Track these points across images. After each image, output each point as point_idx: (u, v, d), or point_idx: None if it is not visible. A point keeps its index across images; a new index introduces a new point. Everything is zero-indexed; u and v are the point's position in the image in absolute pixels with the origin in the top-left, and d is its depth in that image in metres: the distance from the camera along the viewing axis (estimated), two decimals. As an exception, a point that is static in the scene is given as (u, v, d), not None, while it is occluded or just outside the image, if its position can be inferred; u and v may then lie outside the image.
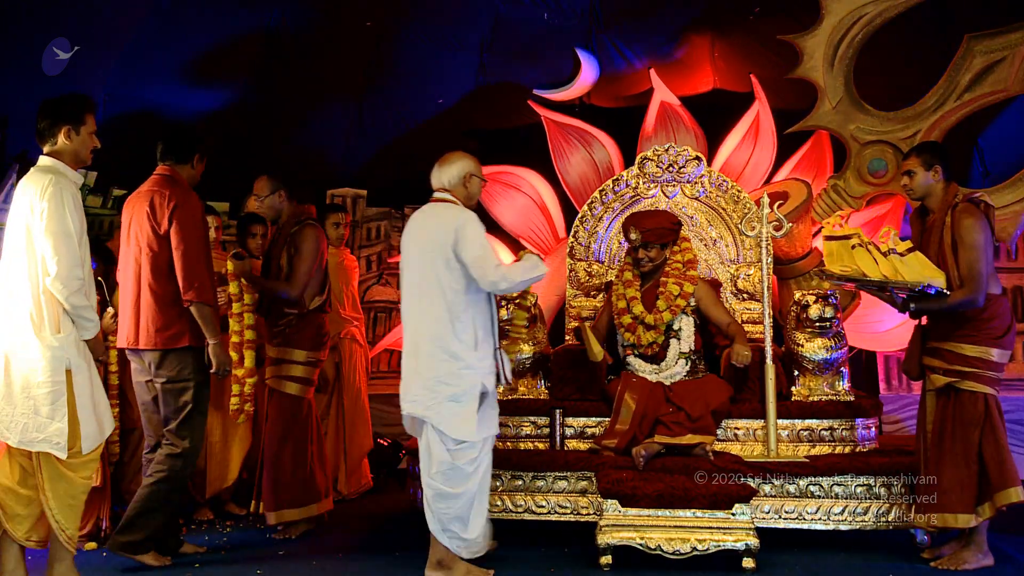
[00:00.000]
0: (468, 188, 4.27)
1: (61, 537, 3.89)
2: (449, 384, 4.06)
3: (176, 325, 4.45)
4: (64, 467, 3.88)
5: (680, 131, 6.37)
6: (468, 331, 4.10)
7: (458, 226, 4.08)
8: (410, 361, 4.15)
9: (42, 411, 3.83)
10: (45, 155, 4.04)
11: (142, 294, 4.48)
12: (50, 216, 3.85)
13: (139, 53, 6.24)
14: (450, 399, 4.06)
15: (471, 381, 4.09)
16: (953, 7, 6.01)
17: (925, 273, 4.29)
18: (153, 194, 4.49)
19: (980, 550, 4.35)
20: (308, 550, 4.78)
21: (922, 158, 4.51)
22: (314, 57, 6.77)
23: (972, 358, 4.33)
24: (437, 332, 4.09)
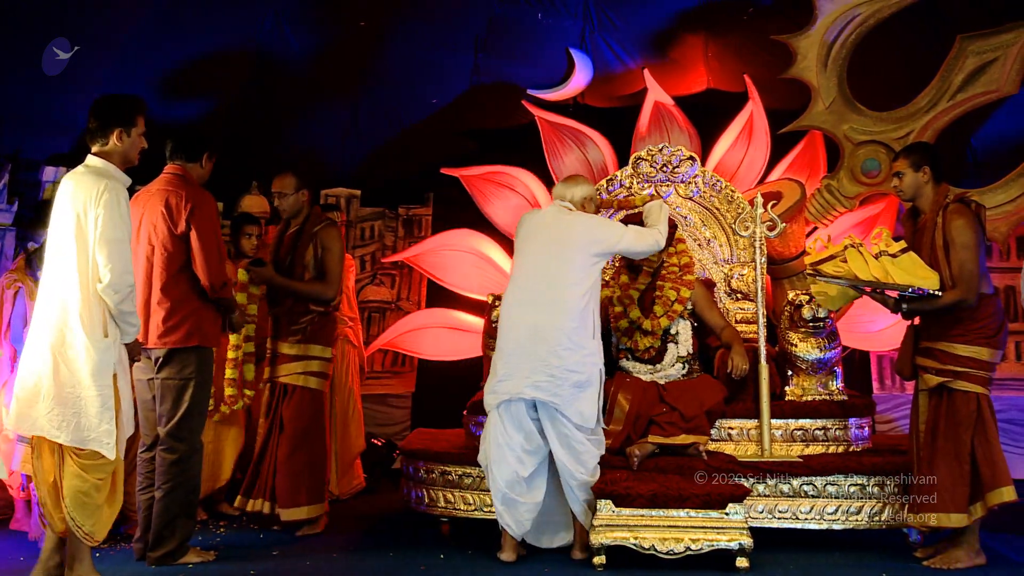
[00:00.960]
0: (587, 208, 4.75)
1: (78, 534, 3.93)
2: (575, 371, 4.37)
3: (186, 325, 4.45)
4: (80, 468, 3.93)
5: (674, 131, 6.37)
6: (589, 320, 4.47)
7: (598, 235, 4.57)
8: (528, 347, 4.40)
9: (91, 412, 3.89)
10: (94, 155, 4.08)
11: (152, 293, 4.48)
12: (105, 223, 3.92)
13: (135, 54, 6.23)
14: (574, 385, 4.38)
15: (593, 368, 4.44)
16: (945, 8, 6.03)
17: (918, 274, 4.30)
18: (168, 194, 4.49)
19: (972, 549, 4.36)
20: (302, 551, 4.77)
21: (911, 159, 4.52)
22: (309, 57, 6.77)
23: (964, 358, 4.34)
24: (564, 322, 4.40)
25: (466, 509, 4.93)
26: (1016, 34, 5.77)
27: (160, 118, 6.56)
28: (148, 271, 4.50)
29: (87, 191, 3.96)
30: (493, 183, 6.54)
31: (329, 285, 5.09)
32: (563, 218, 4.62)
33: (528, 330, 4.42)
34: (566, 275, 4.46)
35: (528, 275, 4.53)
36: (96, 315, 3.94)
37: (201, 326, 4.48)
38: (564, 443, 4.44)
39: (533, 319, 4.43)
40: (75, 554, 3.98)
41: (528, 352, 4.40)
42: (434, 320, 6.70)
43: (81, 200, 3.95)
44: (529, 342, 4.40)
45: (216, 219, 4.57)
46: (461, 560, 4.60)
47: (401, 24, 6.72)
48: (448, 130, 7.04)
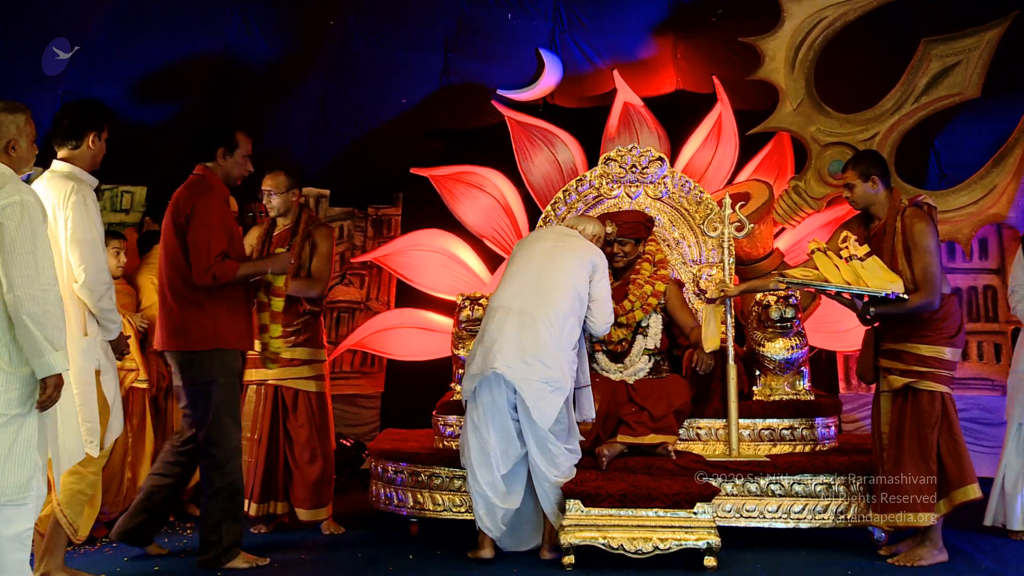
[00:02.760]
0: (594, 243, 4.82)
1: (68, 529, 4.01)
2: (548, 366, 4.36)
3: (198, 327, 4.39)
4: (80, 464, 3.97)
5: (643, 132, 6.39)
6: (574, 338, 4.53)
7: (598, 262, 4.66)
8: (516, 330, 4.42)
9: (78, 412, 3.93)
10: (61, 160, 4.09)
11: (167, 296, 4.48)
12: (75, 224, 3.93)
13: (100, 51, 6.15)
14: (543, 380, 4.35)
15: (566, 373, 4.43)
16: (911, 12, 6.09)
17: (885, 278, 4.34)
18: (176, 197, 4.50)
19: (935, 546, 4.42)
20: (270, 551, 4.74)
21: (858, 170, 4.57)
22: (277, 56, 6.72)
23: (928, 358, 4.39)
24: (555, 322, 4.43)
25: (435, 509, 4.92)
26: (978, 38, 5.85)
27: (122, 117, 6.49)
28: (166, 274, 4.48)
29: (56, 194, 3.96)
30: (463, 183, 6.53)
31: (319, 283, 5.13)
32: (569, 237, 4.75)
33: (513, 320, 4.43)
34: (560, 284, 4.50)
35: (522, 277, 4.57)
36: (74, 315, 3.93)
37: (216, 328, 4.41)
38: (540, 444, 4.44)
39: (520, 311, 4.45)
40: (51, 549, 4.02)
41: (510, 334, 4.40)
42: (403, 320, 6.67)
43: (50, 204, 3.90)
44: (512, 330, 4.41)
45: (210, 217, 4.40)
46: (430, 560, 4.60)
47: (370, 23, 6.69)
48: (418, 130, 7.02)
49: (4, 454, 3.31)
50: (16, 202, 3.33)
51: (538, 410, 4.35)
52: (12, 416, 3.33)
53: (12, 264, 3.29)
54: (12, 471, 3.32)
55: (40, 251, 3.36)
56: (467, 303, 5.24)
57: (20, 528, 3.36)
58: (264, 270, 4.60)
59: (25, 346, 3.32)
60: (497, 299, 4.58)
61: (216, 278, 4.35)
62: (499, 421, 4.45)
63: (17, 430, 3.34)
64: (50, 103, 6.21)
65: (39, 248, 3.36)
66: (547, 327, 4.41)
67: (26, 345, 3.32)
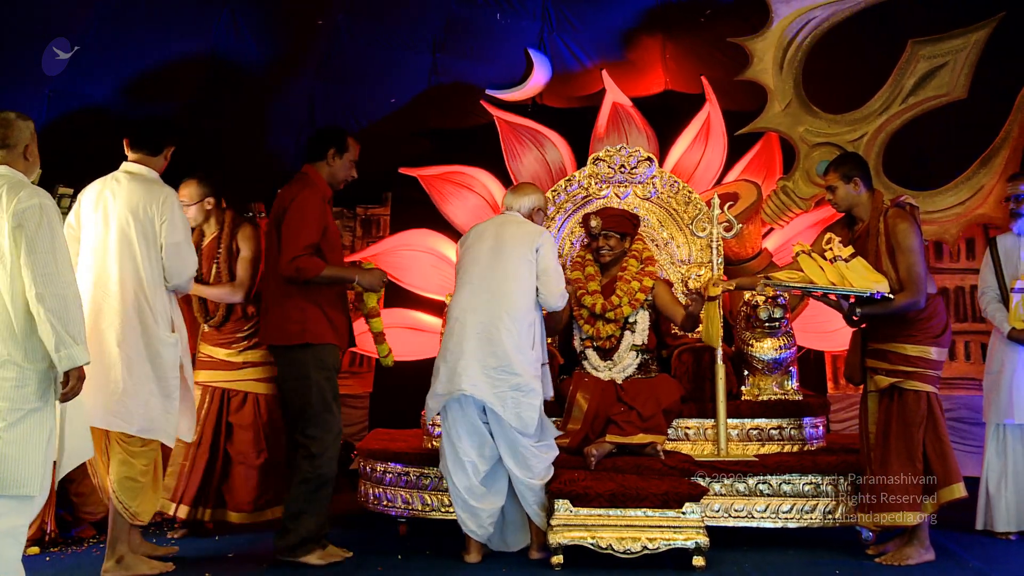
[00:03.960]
0: (535, 219, 4.80)
1: (125, 515, 4.22)
2: (514, 374, 4.39)
3: (291, 322, 4.44)
4: (128, 454, 4.22)
5: (632, 132, 6.40)
6: (530, 328, 4.52)
7: (542, 241, 4.61)
8: (474, 345, 4.44)
9: (156, 404, 4.21)
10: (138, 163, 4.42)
11: (266, 291, 4.60)
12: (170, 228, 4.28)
13: (88, 50, 6.11)
14: (513, 388, 4.39)
15: (531, 373, 4.45)
16: (898, 13, 6.10)
17: (870, 278, 4.35)
18: (279, 196, 4.60)
19: (922, 545, 4.44)
20: (257, 554, 4.73)
21: (840, 172, 4.59)
22: (264, 55, 6.70)
23: (914, 358, 4.41)
24: (508, 324, 4.43)
25: (424, 509, 4.92)
26: (965, 39, 5.88)
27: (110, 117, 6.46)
28: (269, 270, 4.60)
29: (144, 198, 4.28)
30: (451, 183, 6.52)
31: (237, 287, 5.07)
32: (508, 225, 4.70)
33: (473, 331, 4.46)
34: (510, 281, 4.52)
35: (471, 284, 4.58)
36: (161, 312, 4.27)
37: (308, 323, 4.46)
38: (511, 448, 4.45)
39: (478, 320, 4.47)
40: (118, 535, 4.24)
41: (470, 352, 4.42)
42: (392, 320, 6.64)
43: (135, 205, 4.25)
44: (473, 343, 4.44)
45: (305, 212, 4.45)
46: (419, 560, 4.60)
47: (359, 23, 6.67)
48: (406, 130, 7.00)
49: (20, 447, 3.40)
50: (35, 205, 3.46)
51: (518, 419, 4.40)
52: (28, 411, 3.43)
53: (34, 264, 3.42)
54: (26, 464, 3.40)
55: (59, 251, 3.49)
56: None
57: (16, 523, 3.43)
58: (351, 278, 4.64)
59: (47, 341, 3.41)
60: (453, 310, 4.60)
61: (299, 271, 4.38)
62: (469, 426, 4.48)
63: (32, 425, 3.44)
64: (37, 102, 6.18)
65: (58, 248, 3.49)
66: (507, 334, 4.44)
67: (48, 340, 3.41)
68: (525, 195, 4.85)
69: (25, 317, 3.45)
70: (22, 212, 3.44)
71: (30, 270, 3.41)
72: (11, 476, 3.38)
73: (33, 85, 5.99)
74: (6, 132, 3.61)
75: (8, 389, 3.40)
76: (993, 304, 5.17)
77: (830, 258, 4.42)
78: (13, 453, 3.39)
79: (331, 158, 4.65)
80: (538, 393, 4.46)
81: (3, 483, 3.37)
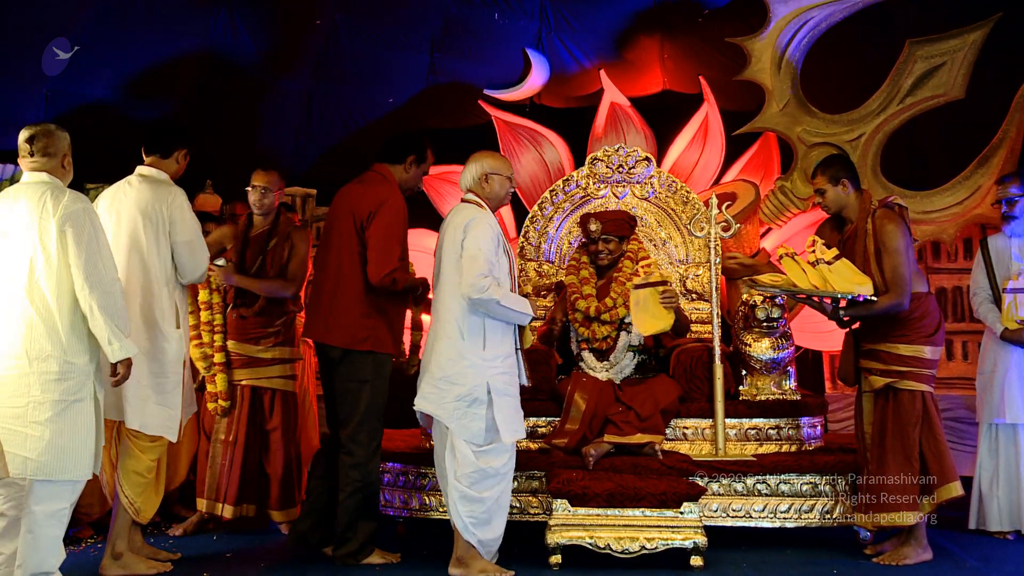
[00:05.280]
0: (488, 186, 4.41)
1: (130, 510, 4.29)
2: (455, 383, 4.18)
3: (360, 327, 4.42)
4: (138, 448, 4.28)
5: (630, 132, 6.40)
6: (477, 329, 4.20)
7: (467, 224, 4.23)
8: (426, 357, 4.34)
9: (153, 398, 4.24)
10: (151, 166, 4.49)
11: (334, 290, 4.47)
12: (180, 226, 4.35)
13: (85, 49, 6.11)
14: (457, 398, 4.18)
15: (475, 380, 4.17)
16: (896, 13, 6.11)
17: (854, 280, 4.35)
18: (358, 194, 4.52)
19: (920, 545, 4.44)
20: (256, 553, 4.73)
21: (827, 175, 4.59)
22: (262, 55, 6.70)
23: (908, 357, 4.41)
24: (448, 330, 4.23)
25: (422, 509, 4.92)
26: (963, 39, 5.88)
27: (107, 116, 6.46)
28: (335, 268, 4.49)
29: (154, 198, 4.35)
30: (449, 183, 6.52)
31: (289, 283, 5.11)
32: (450, 218, 4.41)
33: (428, 344, 4.40)
34: (447, 277, 4.31)
35: (435, 283, 4.46)
36: (168, 308, 4.32)
37: (377, 331, 4.44)
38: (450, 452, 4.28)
39: (431, 332, 4.40)
40: (119, 532, 4.30)
41: (424, 367, 4.38)
42: (390, 320, 6.66)
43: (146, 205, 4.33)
44: (426, 358, 4.38)
45: (398, 220, 4.48)
46: (417, 560, 4.60)
47: (357, 23, 6.67)
48: (404, 130, 7.00)
49: (70, 435, 3.73)
50: (80, 209, 3.77)
51: (464, 430, 4.19)
52: (71, 402, 3.74)
53: (84, 264, 3.72)
54: (76, 451, 3.74)
55: (103, 251, 3.82)
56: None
57: (59, 506, 3.75)
58: (420, 285, 4.63)
59: (100, 335, 3.75)
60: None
61: (395, 283, 4.40)
62: (440, 435, 4.38)
63: (76, 415, 3.75)
64: (34, 101, 6.18)
65: (102, 248, 3.81)
66: (447, 341, 4.24)
67: (101, 334, 3.74)
68: (468, 168, 4.44)
69: (69, 314, 3.74)
70: (68, 216, 3.73)
71: (80, 270, 3.71)
72: (59, 463, 3.70)
73: (31, 85, 5.99)
74: (48, 142, 3.89)
75: (51, 382, 3.71)
76: (985, 304, 5.19)
77: (812, 261, 4.41)
78: (60, 442, 3.71)
79: (409, 164, 4.61)
80: (483, 401, 4.18)
81: (52, 469, 3.69)
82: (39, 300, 3.73)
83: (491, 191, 4.42)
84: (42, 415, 3.69)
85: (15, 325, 3.73)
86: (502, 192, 4.44)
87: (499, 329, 4.27)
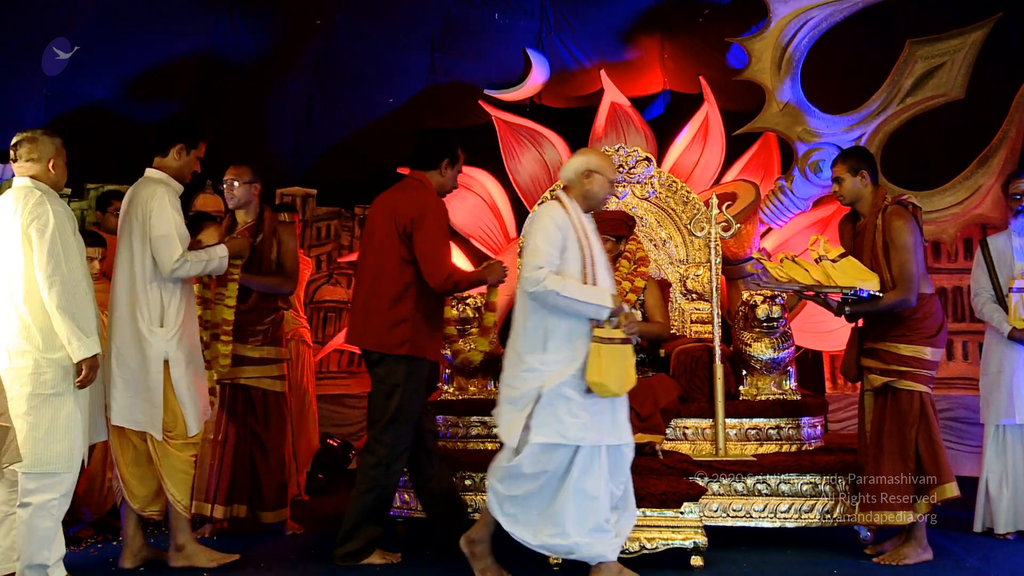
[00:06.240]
0: (588, 183, 4.08)
1: (177, 507, 4.35)
2: (511, 387, 4.00)
3: (397, 331, 4.41)
4: (171, 447, 4.32)
5: (630, 132, 6.41)
6: (537, 332, 3.95)
7: (534, 219, 4.09)
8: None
9: (142, 397, 4.25)
10: (155, 168, 4.47)
11: (373, 295, 4.47)
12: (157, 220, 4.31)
13: (85, 50, 6.12)
14: (508, 402, 4.01)
15: (530, 385, 3.92)
16: (896, 13, 6.12)
17: (858, 277, 4.35)
18: (398, 200, 4.50)
19: (920, 545, 4.44)
20: (254, 554, 4.73)
21: (848, 164, 4.58)
22: (263, 55, 6.70)
23: (907, 357, 4.41)
24: (513, 335, 4.07)
25: (422, 510, 4.91)
26: (963, 39, 5.89)
27: (107, 116, 6.47)
28: (373, 273, 4.48)
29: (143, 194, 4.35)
30: (449, 183, 6.52)
31: (288, 279, 5.12)
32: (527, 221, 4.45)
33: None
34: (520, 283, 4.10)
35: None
36: (149, 308, 4.30)
37: (415, 335, 4.43)
38: None
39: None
40: (176, 526, 4.38)
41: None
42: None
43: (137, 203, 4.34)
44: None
45: (443, 225, 4.50)
46: (418, 561, 4.59)
47: (357, 23, 6.68)
48: (404, 129, 7.00)
49: (46, 428, 3.85)
50: (44, 211, 3.89)
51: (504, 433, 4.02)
52: (48, 396, 3.87)
53: (44, 265, 3.84)
54: (54, 443, 3.85)
55: (68, 251, 3.90)
56: (456, 302, 5.23)
57: (49, 497, 3.86)
58: (485, 278, 4.59)
59: (60, 334, 3.85)
60: None
61: (457, 285, 4.43)
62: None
63: (56, 408, 3.87)
64: (34, 101, 6.19)
65: (66, 250, 3.89)
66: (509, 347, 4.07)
67: (60, 333, 3.85)
68: (569, 162, 4.23)
69: (41, 312, 3.87)
70: (33, 219, 3.87)
71: (41, 270, 3.84)
72: (37, 455, 3.83)
73: (31, 85, 5.99)
74: (32, 147, 4.02)
75: (26, 376, 3.86)
76: (989, 305, 5.15)
77: (815, 257, 4.41)
78: (37, 435, 3.84)
79: (444, 168, 4.62)
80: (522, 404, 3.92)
81: (31, 461, 3.82)
82: (17, 298, 3.90)
83: (590, 189, 4.09)
84: (19, 408, 3.85)
85: (1, 323, 3.90)
86: (601, 193, 4.13)
87: (560, 332, 3.91)
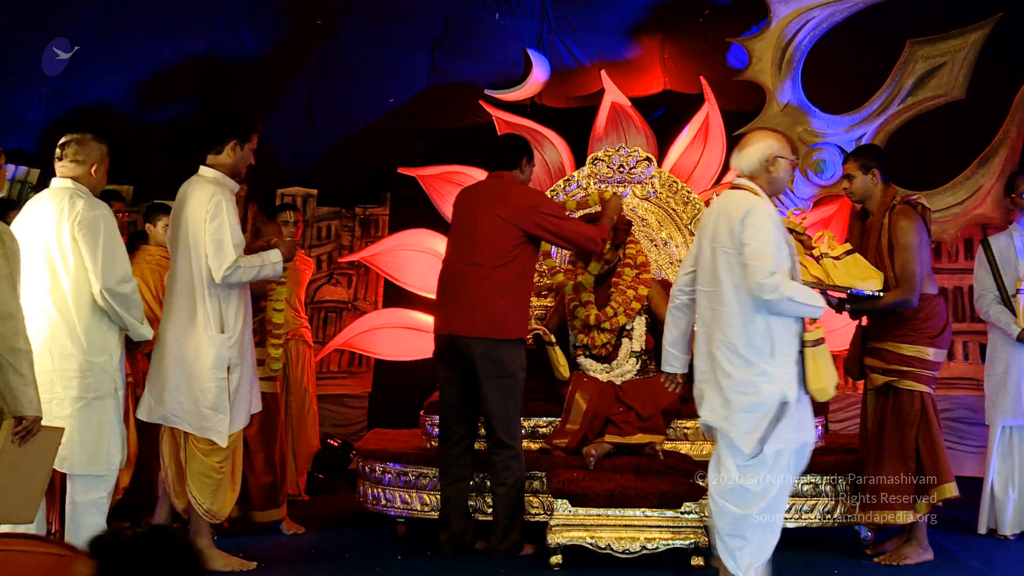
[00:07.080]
0: (774, 170, 3.77)
1: (199, 510, 4.30)
2: (745, 393, 3.63)
3: (511, 316, 4.49)
4: (202, 452, 4.28)
5: (631, 132, 6.40)
6: (764, 335, 3.63)
7: (745, 215, 3.62)
8: (704, 365, 3.78)
9: (208, 403, 4.22)
10: (209, 166, 4.38)
11: (479, 284, 4.49)
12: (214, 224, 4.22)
13: (85, 50, 6.12)
14: (745, 410, 3.62)
15: (769, 390, 3.61)
16: (897, 13, 6.12)
17: (861, 275, 4.34)
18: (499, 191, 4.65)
19: (920, 545, 4.44)
20: (256, 554, 4.72)
21: (859, 162, 4.58)
22: (263, 55, 6.70)
23: (910, 357, 4.41)
24: (728, 335, 3.65)
25: (423, 509, 4.92)
26: (963, 40, 5.89)
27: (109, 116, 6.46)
28: (479, 265, 4.52)
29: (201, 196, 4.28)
30: (450, 183, 6.51)
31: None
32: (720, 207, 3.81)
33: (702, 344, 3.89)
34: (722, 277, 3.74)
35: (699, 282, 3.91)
36: (212, 312, 4.25)
37: (522, 319, 4.57)
38: None
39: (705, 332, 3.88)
40: (196, 529, 4.34)
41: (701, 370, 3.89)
42: (391, 320, 6.66)
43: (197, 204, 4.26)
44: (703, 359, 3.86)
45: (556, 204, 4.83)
46: (418, 561, 4.60)
47: (358, 23, 6.68)
48: (405, 129, 7.01)
49: (91, 431, 3.91)
50: (94, 216, 3.92)
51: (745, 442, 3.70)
52: (91, 399, 3.92)
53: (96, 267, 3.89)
54: (98, 445, 3.93)
55: (117, 252, 3.96)
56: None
57: (97, 495, 3.96)
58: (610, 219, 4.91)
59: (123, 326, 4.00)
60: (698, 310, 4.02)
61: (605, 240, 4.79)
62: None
63: (98, 410, 3.93)
64: (35, 101, 6.19)
65: (116, 250, 3.96)
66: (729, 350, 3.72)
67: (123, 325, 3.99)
68: (748, 148, 3.82)
69: (88, 314, 3.92)
70: (83, 222, 3.89)
71: (92, 272, 3.89)
72: (84, 458, 3.90)
73: (32, 85, 5.99)
74: (79, 148, 4.02)
75: (72, 379, 3.90)
76: (995, 306, 5.09)
77: (817, 255, 4.40)
78: (84, 437, 3.89)
79: (524, 165, 4.80)
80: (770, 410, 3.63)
81: (78, 463, 3.90)
82: (60, 301, 3.90)
83: (776, 176, 3.79)
84: (63, 411, 3.84)
85: (40, 325, 3.86)
86: (786, 178, 3.87)
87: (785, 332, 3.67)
